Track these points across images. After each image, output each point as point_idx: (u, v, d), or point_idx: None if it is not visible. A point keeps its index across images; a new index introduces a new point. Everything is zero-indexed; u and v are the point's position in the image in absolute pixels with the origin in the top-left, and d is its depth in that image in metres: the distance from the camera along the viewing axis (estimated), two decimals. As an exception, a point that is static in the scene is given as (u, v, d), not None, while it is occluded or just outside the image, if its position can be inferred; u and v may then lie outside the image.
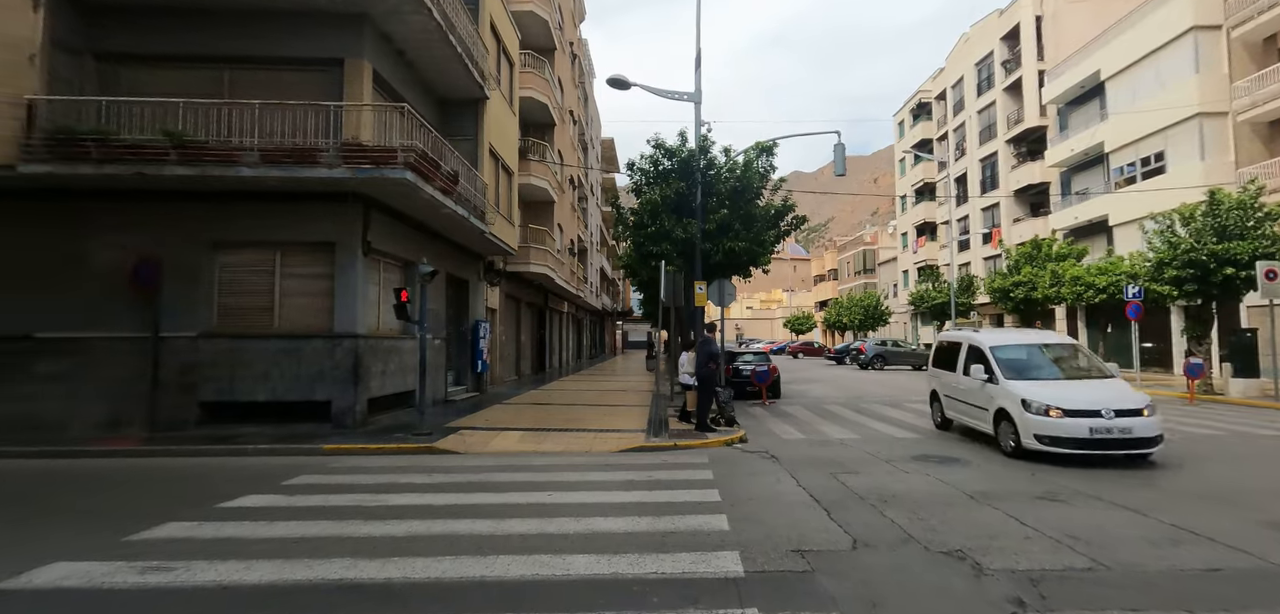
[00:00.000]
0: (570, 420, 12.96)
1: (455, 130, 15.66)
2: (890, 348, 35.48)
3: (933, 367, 12.63)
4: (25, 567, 4.75)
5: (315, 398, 11.30)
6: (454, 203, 12.98)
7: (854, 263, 70.55)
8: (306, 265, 11.67)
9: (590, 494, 7.15)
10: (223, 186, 10.87)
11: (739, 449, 10.30)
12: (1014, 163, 38.93)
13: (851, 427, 12.84)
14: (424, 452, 9.79)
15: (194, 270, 11.34)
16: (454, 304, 17.62)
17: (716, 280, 13.95)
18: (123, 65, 11.66)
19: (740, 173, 13.90)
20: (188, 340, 11.22)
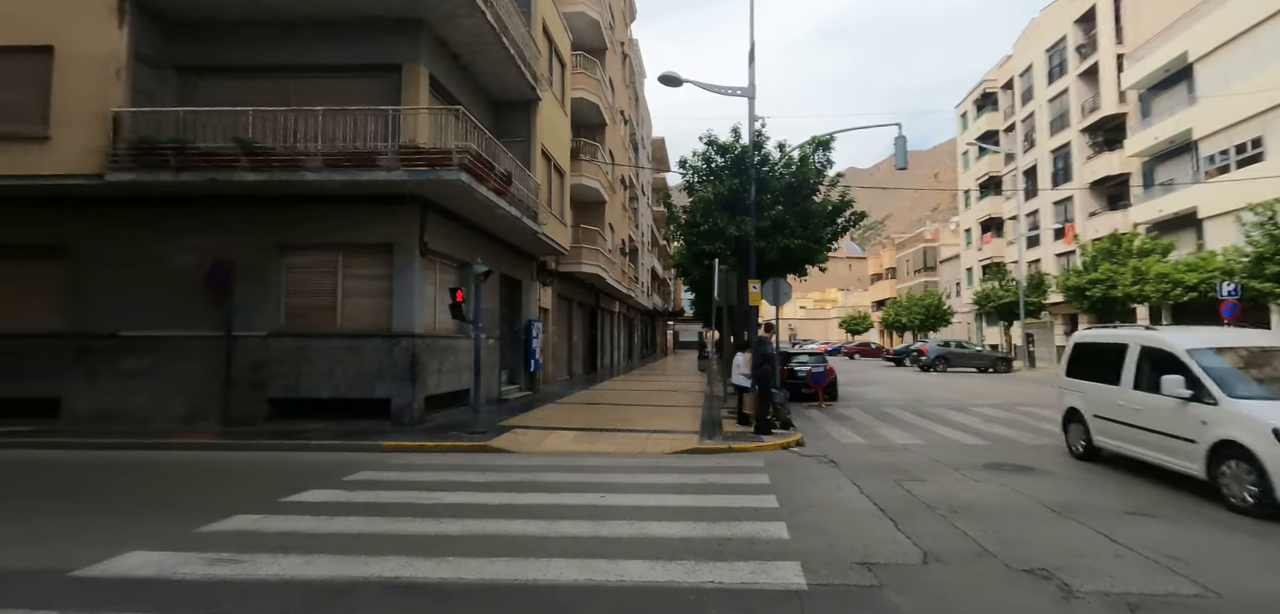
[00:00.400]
0: (622, 421, 12.88)
1: (508, 132, 15.82)
2: (953, 349, 34.01)
3: (1068, 376, 9.79)
4: (107, 554, 4.95)
5: (375, 395, 11.58)
6: (507, 203, 13.09)
7: (913, 261, 68.15)
8: (367, 266, 11.98)
9: (643, 496, 7.01)
10: (288, 190, 11.27)
11: (796, 453, 9.96)
12: (1089, 153, 36.69)
13: (915, 431, 12.27)
14: (478, 450, 9.87)
15: (263, 272, 11.81)
16: (507, 304, 17.83)
17: (771, 279, 13.57)
18: (200, 77, 12.26)
19: (796, 168, 13.49)
20: (258, 339, 11.69)
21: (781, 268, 13.90)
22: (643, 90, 44.91)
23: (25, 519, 6.15)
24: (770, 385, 11.17)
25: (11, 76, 11.15)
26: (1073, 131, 37.70)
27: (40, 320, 11.97)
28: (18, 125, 11.03)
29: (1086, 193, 36.80)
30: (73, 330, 11.83)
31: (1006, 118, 46.81)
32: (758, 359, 11.16)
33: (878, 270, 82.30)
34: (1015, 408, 16.23)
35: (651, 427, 12.10)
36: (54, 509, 6.56)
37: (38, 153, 10.92)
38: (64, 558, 4.88)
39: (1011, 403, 17.44)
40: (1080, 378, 9.45)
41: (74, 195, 11.52)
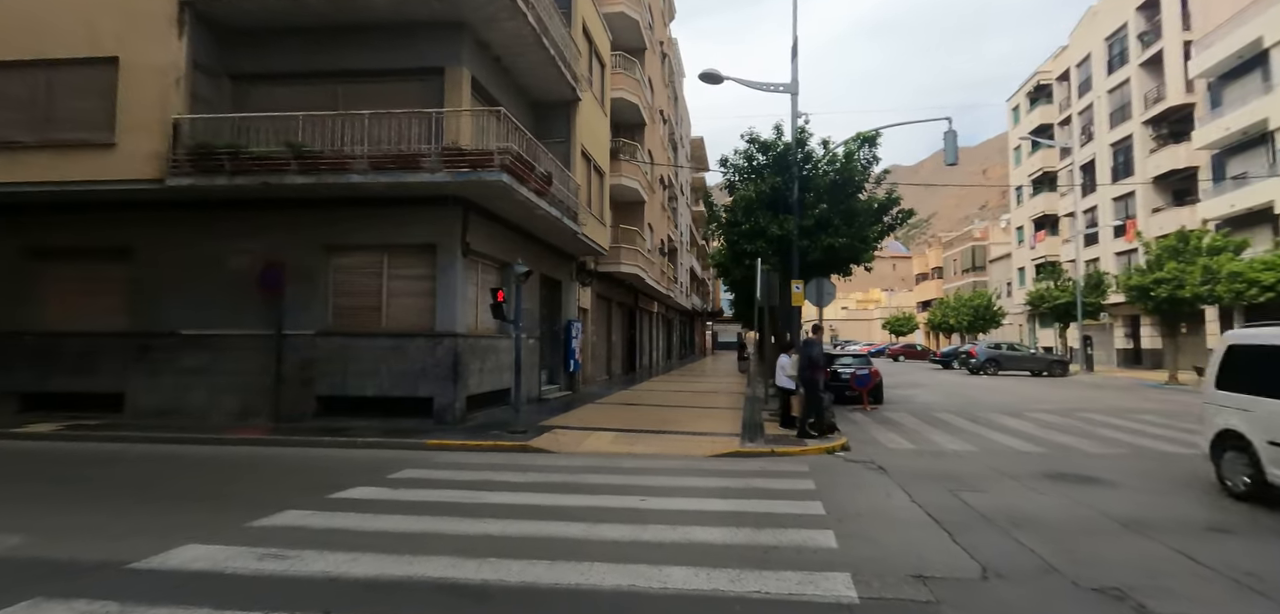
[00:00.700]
0: (662, 422, 12.76)
1: (548, 132, 15.89)
2: (1005, 351, 32.75)
3: (1221, 389, 7.62)
4: (163, 547, 5.09)
5: (418, 394, 11.75)
6: (547, 204, 13.13)
7: (961, 260, 66.04)
8: (411, 267, 12.18)
9: (685, 500, 6.87)
10: (335, 193, 11.53)
11: (841, 458, 9.67)
12: (1153, 146, 34.87)
13: (967, 438, 11.80)
14: (519, 450, 9.89)
15: (311, 273, 12.12)
16: (547, 304, 17.91)
17: (814, 279, 13.27)
18: (252, 84, 12.67)
19: (840, 165, 13.14)
20: (306, 338, 12.00)
21: (825, 267, 13.55)
22: (682, 90, 44.72)
23: (91, 511, 6.41)
24: (819, 389, 10.87)
25: (81, 87, 11.73)
26: (1134, 123, 35.89)
27: (108, 320, 12.57)
28: (86, 133, 11.59)
29: (1149, 188, 34.98)
30: (136, 329, 12.37)
31: (1062, 111, 44.90)
32: (805, 361, 10.88)
33: (923, 270, 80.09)
34: (1075, 414, 15.47)
35: (692, 429, 11.95)
36: (117, 502, 6.81)
37: (104, 159, 11.45)
38: (124, 550, 5.03)
39: (1070, 408, 16.64)
40: (1241, 391, 7.26)
41: (137, 200, 12.04)
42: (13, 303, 12.66)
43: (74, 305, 12.77)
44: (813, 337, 11.45)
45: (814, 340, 11.35)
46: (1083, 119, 41.44)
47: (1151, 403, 18.39)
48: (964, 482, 8.02)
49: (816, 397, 10.82)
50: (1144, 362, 35.79)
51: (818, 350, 11.08)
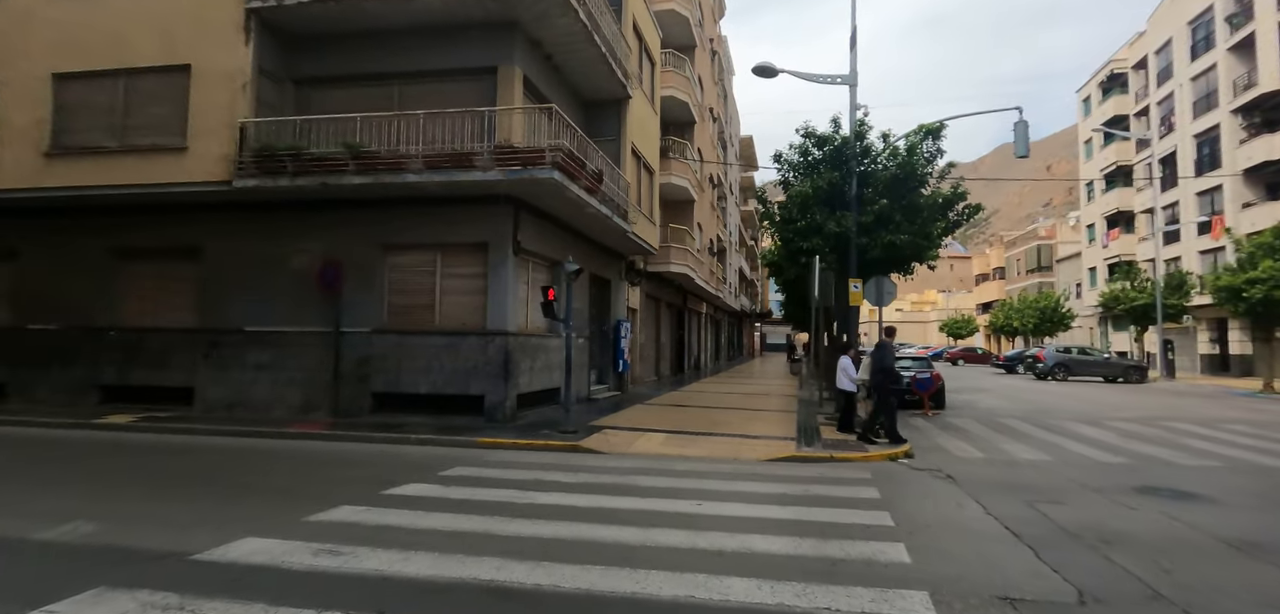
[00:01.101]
0: (713, 424, 12.46)
1: (598, 131, 15.80)
2: (1075, 356, 30.94)
3: None
4: (224, 539, 5.15)
5: (470, 392, 11.81)
6: (598, 202, 13.02)
7: (1026, 260, 63.03)
8: (463, 265, 12.26)
9: (742, 507, 6.59)
10: (391, 193, 11.72)
11: (905, 465, 9.18)
12: (1243, 136, 32.35)
13: (1041, 446, 11.07)
14: (569, 449, 9.79)
15: (368, 271, 12.35)
16: (596, 303, 17.84)
17: (874, 277, 12.72)
18: (313, 88, 13.02)
19: (902, 159, 12.54)
20: (362, 335, 12.23)
21: (886, 266, 12.97)
22: (731, 88, 44.17)
23: (160, 500, 6.60)
24: (891, 395, 10.37)
25: (156, 93, 12.29)
26: (1222, 112, 33.39)
27: (179, 317, 13.14)
28: (161, 137, 12.13)
29: (1239, 181, 32.48)
30: (205, 326, 12.87)
31: (1138, 100, 42.24)
32: (878, 367, 10.39)
33: (984, 270, 76.85)
34: (1158, 423, 14.38)
35: (745, 431, 11.61)
36: (185, 492, 7.01)
37: (177, 162, 11.95)
38: (187, 541, 5.11)
39: (1153, 417, 15.48)
40: None
41: (207, 201, 12.54)
42: (98, 300, 13.39)
43: (150, 303, 13.41)
44: (886, 341, 10.87)
45: (887, 344, 10.78)
46: (1162, 109, 38.85)
47: (1243, 413, 16.96)
48: (1042, 493, 7.46)
49: (889, 404, 10.31)
50: (1232, 369, 33.26)
51: (891, 357, 10.56)
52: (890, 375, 10.36)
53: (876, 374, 10.39)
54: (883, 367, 10.37)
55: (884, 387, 10.29)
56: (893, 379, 10.41)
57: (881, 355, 10.57)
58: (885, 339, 10.82)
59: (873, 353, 10.92)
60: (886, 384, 10.32)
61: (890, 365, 10.44)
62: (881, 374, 10.30)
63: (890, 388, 10.35)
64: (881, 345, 10.73)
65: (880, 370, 10.32)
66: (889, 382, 10.36)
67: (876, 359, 10.58)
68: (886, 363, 10.43)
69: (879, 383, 10.33)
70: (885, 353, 10.57)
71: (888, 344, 10.73)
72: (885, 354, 10.55)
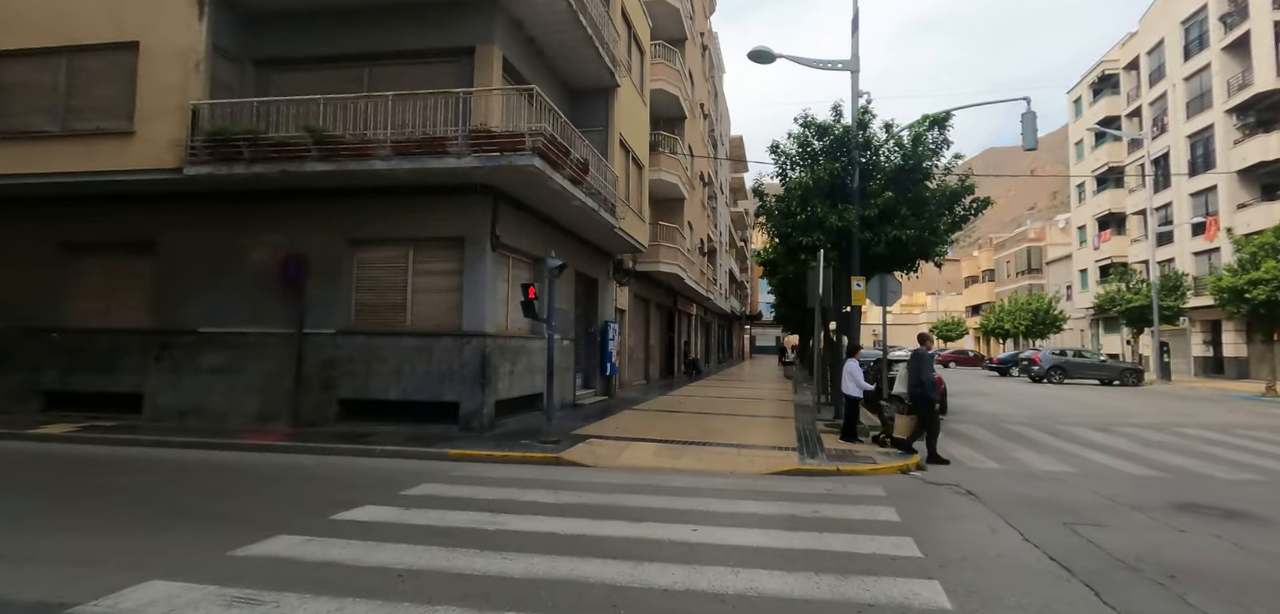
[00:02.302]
0: (707, 432, 11.62)
1: (585, 122, 14.93)
2: (1071, 358, 30.44)
3: None
4: (122, 584, 4.24)
5: (443, 399, 10.89)
6: (583, 194, 12.16)
7: (1016, 262, 62.87)
8: (437, 261, 11.34)
9: (745, 532, 5.74)
10: (359, 183, 10.78)
11: (918, 479, 8.38)
12: (1238, 136, 32.08)
13: (1058, 456, 10.34)
14: (550, 462, 8.91)
15: (334, 268, 11.39)
16: (583, 304, 16.96)
17: (877, 276, 11.94)
18: (276, 70, 12.05)
19: (907, 149, 11.78)
20: (327, 337, 11.27)
21: (890, 263, 12.19)
22: (722, 86, 43.46)
23: (71, 529, 5.62)
24: (935, 408, 9.53)
25: (102, 73, 11.27)
26: (1216, 112, 33.13)
27: (130, 317, 12.11)
28: (106, 121, 11.11)
29: (1234, 181, 32.20)
30: (157, 327, 11.85)
31: (1130, 101, 42.02)
32: (917, 377, 9.47)
33: (973, 272, 76.75)
34: (1171, 429, 13.72)
35: (741, 440, 10.78)
36: (105, 518, 6.04)
37: (124, 148, 10.93)
38: (74, 587, 4.18)
39: (1166, 423, 14.84)
40: None
41: (160, 192, 11.54)
42: (42, 298, 12.32)
43: (98, 301, 12.37)
44: (925, 350, 9.86)
45: (926, 354, 9.76)
46: (1155, 109, 38.61)
47: (1254, 418, 16.38)
48: (1077, 513, 6.68)
49: (931, 416, 9.46)
50: (1226, 371, 32.96)
51: (930, 368, 9.67)
52: (931, 388, 9.52)
53: (917, 387, 9.45)
54: (923, 379, 9.45)
55: (926, 398, 9.41)
56: (935, 387, 9.53)
57: (921, 366, 9.57)
58: (923, 348, 9.94)
59: (910, 363, 10.05)
60: (928, 395, 9.43)
61: (931, 378, 9.56)
62: (922, 387, 9.42)
63: (934, 399, 9.49)
64: (920, 355, 9.71)
65: (919, 383, 9.45)
66: (931, 391, 9.53)
67: (915, 370, 9.57)
68: (927, 375, 9.53)
69: (921, 396, 9.45)
70: (925, 364, 9.59)
71: (926, 354, 9.83)
72: (925, 365, 9.57)
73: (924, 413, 9.49)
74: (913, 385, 9.55)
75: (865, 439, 11.12)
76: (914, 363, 9.76)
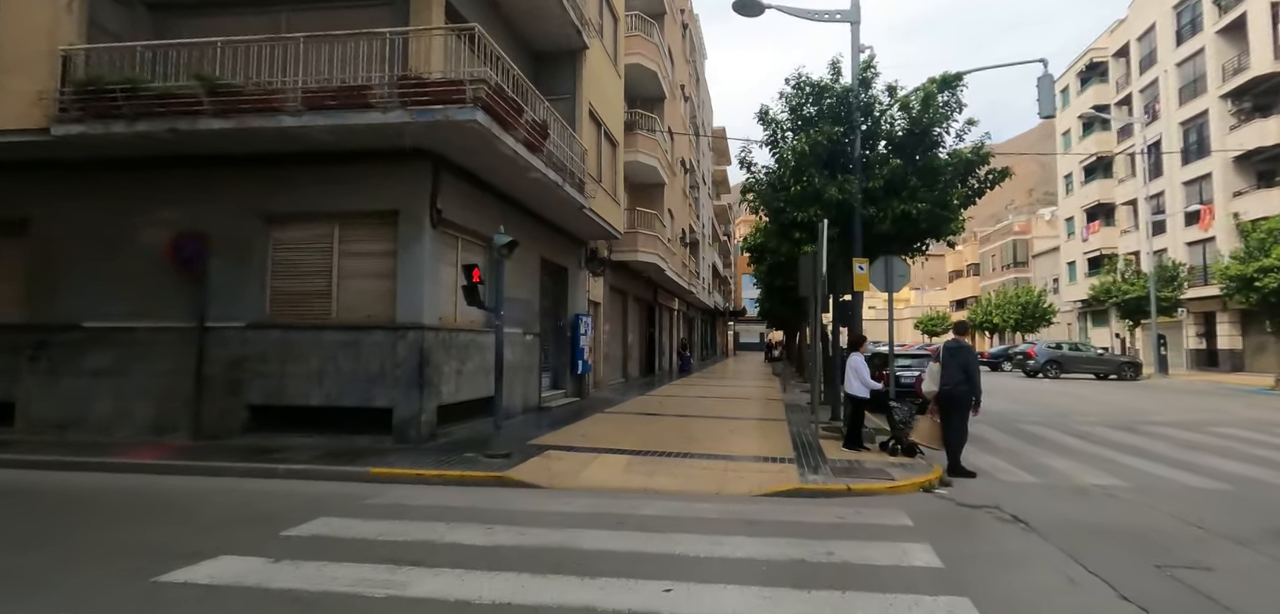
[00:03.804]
0: (689, 440, 9.99)
1: (550, 88, 13.18)
2: (1067, 352, 29.33)
3: None
4: None
5: (374, 403, 9.13)
6: (543, 164, 10.45)
7: (1001, 255, 62.24)
8: (368, 240, 9.56)
9: (739, 595, 4.11)
10: (268, 146, 8.97)
11: (948, 500, 6.81)
12: (1233, 122, 31.20)
13: (1094, 463, 8.89)
14: (494, 483, 7.21)
15: (243, 249, 9.56)
16: (551, 295, 15.25)
17: (881, 257, 10.38)
18: (175, 15, 10.18)
19: (917, 111, 10.23)
20: (235, 331, 9.44)
21: (896, 242, 10.64)
22: (703, 72, 41.88)
23: None
24: (967, 408, 7.96)
25: (-46, 15, 9.29)
26: (1210, 98, 32.24)
27: (1, 310, 10.15)
28: (-42, 73, 9.14)
29: (1229, 168, 31.32)
30: (32, 322, 9.90)
31: (1119, 89, 41.16)
32: (955, 371, 7.95)
33: (957, 266, 76.14)
34: (1203, 428, 12.37)
35: (729, 449, 9.16)
36: None
37: (-21, 105, 8.98)
38: None
39: (1191, 421, 13.51)
40: None
41: (30, 159, 9.61)
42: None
43: (-34, 293, 10.38)
44: (959, 340, 8.33)
45: (963, 343, 8.23)
46: (1145, 96, 37.74)
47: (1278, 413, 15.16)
48: (1165, 548, 5.15)
49: (964, 420, 7.97)
50: (1220, 364, 32.11)
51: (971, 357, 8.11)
52: (978, 387, 7.96)
53: (961, 384, 7.91)
54: (970, 375, 7.91)
55: (957, 399, 7.89)
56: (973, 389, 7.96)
57: (967, 360, 8.01)
58: (958, 339, 8.36)
59: (943, 352, 8.45)
60: (968, 398, 7.91)
61: (977, 374, 7.99)
62: (968, 383, 7.88)
63: (963, 399, 7.93)
64: (960, 348, 8.15)
65: (966, 378, 7.89)
66: (978, 393, 7.98)
67: (960, 365, 7.95)
68: (974, 369, 7.95)
69: (949, 394, 7.91)
70: (963, 352, 8.04)
71: (963, 344, 8.25)
72: (963, 355, 8.01)
73: (955, 417, 7.94)
74: (956, 383, 7.96)
75: (871, 446, 9.61)
76: (953, 356, 8.20)
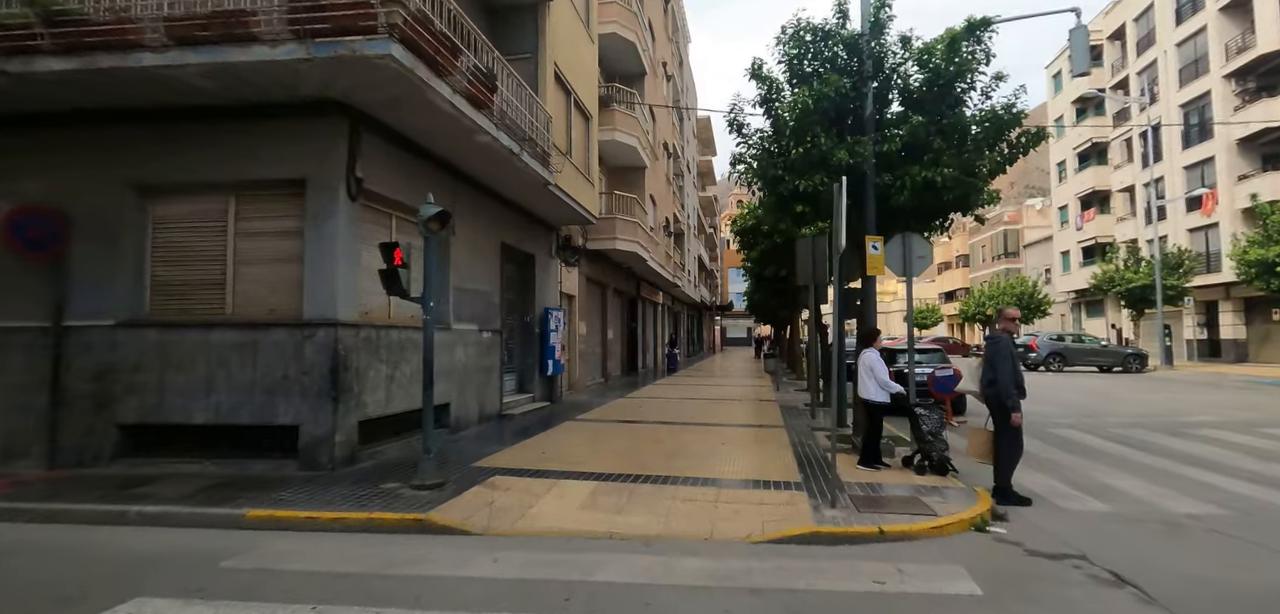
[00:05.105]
0: (672, 456, 8.25)
1: (509, 46, 11.38)
2: (1070, 344, 28.01)
3: None
4: None
5: (276, 421, 7.27)
6: (494, 126, 8.63)
7: (991, 246, 61.16)
8: (271, 217, 7.70)
9: None
10: (135, 96, 7.08)
11: (1015, 545, 5.12)
12: (1238, 102, 30.01)
13: (1161, 480, 7.29)
14: (411, 528, 5.41)
15: (115, 227, 7.66)
16: (516, 286, 13.44)
17: (898, 234, 8.69)
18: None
19: (939, 60, 8.54)
20: (103, 332, 7.54)
21: (912, 218, 8.96)
22: (687, 56, 40.12)
23: None
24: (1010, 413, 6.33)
25: None
26: (1213, 78, 31.02)
27: None
28: None
29: (1233, 151, 30.14)
30: None
31: (1115, 72, 39.97)
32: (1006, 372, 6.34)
33: (946, 258, 75.08)
34: (1262, 430, 10.87)
35: (720, 471, 7.42)
36: None
37: None
38: None
39: (1243, 421, 12.00)
40: None
41: None
42: None
43: None
44: (1008, 327, 6.75)
45: (1007, 336, 6.64)
46: (1143, 79, 36.53)
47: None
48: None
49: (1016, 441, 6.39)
50: (1223, 354, 31.01)
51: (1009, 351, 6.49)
52: (1001, 389, 6.33)
53: (987, 381, 6.37)
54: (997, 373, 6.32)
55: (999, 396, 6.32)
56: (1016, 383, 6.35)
57: (993, 347, 6.47)
58: (1002, 328, 6.75)
59: (985, 347, 6.81)
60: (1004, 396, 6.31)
61: (1004, 369, 6.35)
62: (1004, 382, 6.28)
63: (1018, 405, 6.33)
64: (993, 339, 6.59)
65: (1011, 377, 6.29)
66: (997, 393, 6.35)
67: (990, 355, 6.45)
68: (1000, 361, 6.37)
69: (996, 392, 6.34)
70: (999, 345, 6.46)
71: (1006, 336, 6.64)
72: (1000, 347, 6.44)
73: (1004, 427, 6.31)
74: (985, 381, 6.34)
75: (890, 460, 7.97)
76: (990, 348, 6.57)
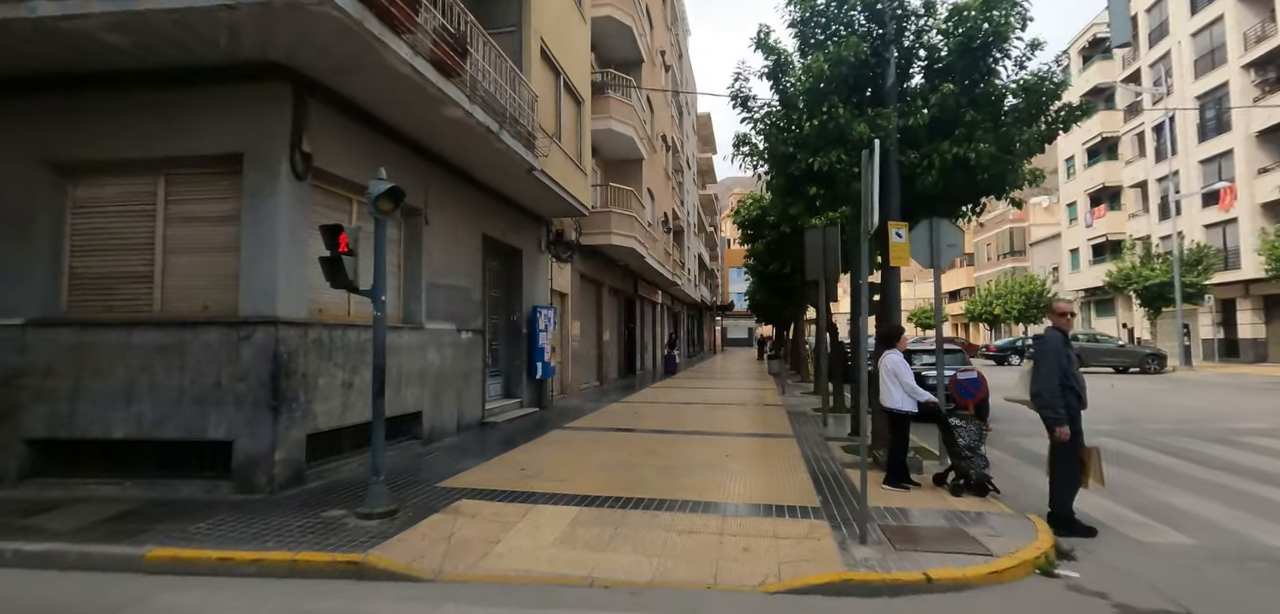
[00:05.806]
0: (670, 472, 7.22)
1: (490, 18, 10.35)
2: (1085, 344, 26.95)
3: None
4: None
5: (207, 435, 6.25)
6: (466, 98, 7.61)
7: (997, 244, 60.11)
8: (205, 198, 6.68)
9: None
10: (38, 57, 6.05)
11: (1097, 597, 4.09)
12: (1257, 94, 28.97)
13: (1233, 502, 6.29)
14: (345, 572, 4.39)
15: (26, 212, 6.64)
16: (501, 283, 12.44)
17: (924, 220, 7.66)
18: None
19: (972, 21, 7.49)
20: (10, 332, 6.51)
21: (941, 202, 7.94)
22: (687, 48, 39.12)
23: None
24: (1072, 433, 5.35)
25: None
26: (1231, 68, 29.97)
27: None
28: None
29: (1252, 144, 29.10)
30: None
31: (1125, 65, 38.92)
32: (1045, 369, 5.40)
33: (950, 257, 74.03)
34: (1317, 438, 9.83)
35: (726, 492, 6.39)
36: None
37: None
38: None
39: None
40: None
41: None
42: None
43: None
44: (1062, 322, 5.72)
45: (1044, 335, 5.68)
46: (1156, 71, 35.49)
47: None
48: None
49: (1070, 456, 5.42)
50: (1242, 354, 29.96)
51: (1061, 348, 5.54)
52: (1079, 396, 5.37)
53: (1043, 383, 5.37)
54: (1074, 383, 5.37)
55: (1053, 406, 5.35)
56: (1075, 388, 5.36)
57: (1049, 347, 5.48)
58: (1059, 323, 5.75)
59: (1035, 345, 5.82)
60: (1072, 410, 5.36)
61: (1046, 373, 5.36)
62: (1073, 392, 5.34)
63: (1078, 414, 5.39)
64: (1049, 337, 5.59)
65: (1068, 385, 5.33)
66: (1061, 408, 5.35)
67: (1040, 356, 5.49)
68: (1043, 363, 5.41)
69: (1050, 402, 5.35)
70: (1043, 346, 5.52)
71: (1053, 333, 5.65)
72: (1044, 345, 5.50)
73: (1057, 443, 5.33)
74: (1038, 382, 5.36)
75: (919, 477, 6.98)
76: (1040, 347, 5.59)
